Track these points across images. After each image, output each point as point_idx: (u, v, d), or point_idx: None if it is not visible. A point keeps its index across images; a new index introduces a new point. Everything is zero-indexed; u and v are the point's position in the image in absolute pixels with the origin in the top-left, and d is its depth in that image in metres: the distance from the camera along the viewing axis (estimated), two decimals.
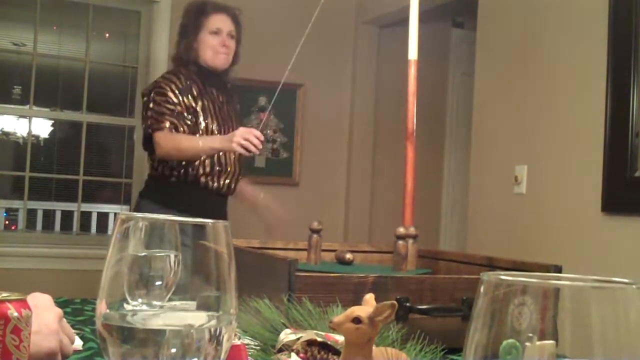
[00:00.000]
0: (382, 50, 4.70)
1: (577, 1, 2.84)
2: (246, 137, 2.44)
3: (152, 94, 2.67)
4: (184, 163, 2.67)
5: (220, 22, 2.76)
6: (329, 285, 1.11)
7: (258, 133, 2.46)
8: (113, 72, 4.55)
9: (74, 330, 1.13)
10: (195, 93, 2.69)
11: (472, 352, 0.45)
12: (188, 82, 2.69)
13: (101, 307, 0.58)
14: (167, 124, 2.60)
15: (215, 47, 2.72)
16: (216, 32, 2.74)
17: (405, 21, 1.71)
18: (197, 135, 2.66)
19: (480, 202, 3.35)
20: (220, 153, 2.68)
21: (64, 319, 0.94)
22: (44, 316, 0.87)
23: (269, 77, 2.55)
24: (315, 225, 1.52)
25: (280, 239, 1.72)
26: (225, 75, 2.83)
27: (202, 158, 2.67)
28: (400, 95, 1.98)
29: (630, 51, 2.54)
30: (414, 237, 1.51)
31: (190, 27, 2.76)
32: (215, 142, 2.57)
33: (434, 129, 4.76)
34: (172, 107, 2.63)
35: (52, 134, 4.62)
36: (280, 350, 0.87)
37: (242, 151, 2.46)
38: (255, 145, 2.44)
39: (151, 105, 2.64)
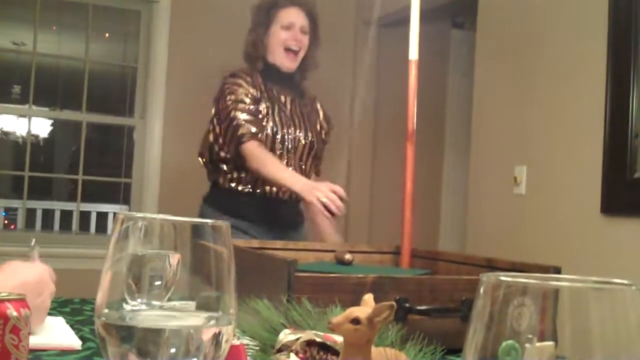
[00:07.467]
0: (382, 50, 4.70)
1: (577, 2, 2.84)
2: (330, 196, 2.16)
3: (228, 101, 2.46)
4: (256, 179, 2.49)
5: (293, 15, 2.55)
6: (328, 286, 1.11)
7: (342, 192, 2.19)
8: (113, 72, 4.55)
9: (72, 331, 1.13)
10: (258, 95, 2.51)
11: (472, 353, 0.45)
12: (253, 85, 2.51)
13: (100, 307, 0.58)
14: (256, 133, 2.42)
15: (285, 41, 2.52)
16: (288, 27, 2.54)
17: (405, 21, 1.71)
18: (274, 155, 2.48)
19: (480, 203, 3.35)
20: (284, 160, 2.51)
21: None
22: (23, 275, 0.98)
23: None
24: None
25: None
26: (295, 76, 2.63)
27: None
28: (400, 96, 1.97)
29: (630, 52, 2.54)
30: None
31: (260, 21, 2.58)
32: (295, 184, 2.32)
33: (434, 129, 4.76)
34: (254, 111, 2.45)
35: (51, 133, 4.62)
36: (279, 351, 0.87)
37: (321, 208, 2.17)
38: (338, 208, 2.15)
39: (234, 113, 2.43)
